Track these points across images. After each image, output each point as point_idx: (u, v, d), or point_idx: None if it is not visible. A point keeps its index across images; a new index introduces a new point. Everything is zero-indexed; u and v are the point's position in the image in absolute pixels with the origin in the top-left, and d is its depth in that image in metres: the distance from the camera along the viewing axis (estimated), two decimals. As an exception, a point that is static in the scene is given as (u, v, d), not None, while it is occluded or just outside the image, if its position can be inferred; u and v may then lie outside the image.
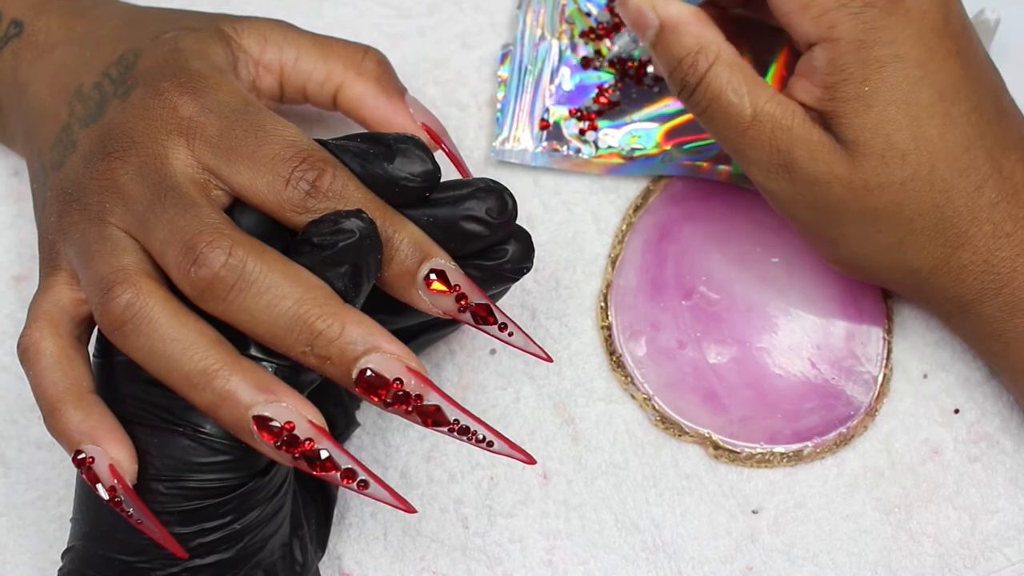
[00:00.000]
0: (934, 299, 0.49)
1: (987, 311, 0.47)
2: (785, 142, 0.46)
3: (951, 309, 0.48)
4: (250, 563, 0.43)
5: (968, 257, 0.46)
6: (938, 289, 0.48)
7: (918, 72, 0.45)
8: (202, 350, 0.40)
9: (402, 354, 0.40)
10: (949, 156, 0.45)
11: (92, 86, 0.46)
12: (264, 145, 0.42)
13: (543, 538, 0.50)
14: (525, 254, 0.45)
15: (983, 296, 0.47)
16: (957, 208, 0.46)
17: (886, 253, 0.47)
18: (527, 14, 0.57)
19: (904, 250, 0.47)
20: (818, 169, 0.46)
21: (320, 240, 0.40)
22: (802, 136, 0.46)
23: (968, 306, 0.47)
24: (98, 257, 0.42)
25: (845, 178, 0.46)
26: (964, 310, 0.48)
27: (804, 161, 0.46)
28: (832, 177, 0.46)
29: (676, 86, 0.48)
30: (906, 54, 0.45)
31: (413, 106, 0.49)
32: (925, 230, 0.46)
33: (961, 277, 0.47)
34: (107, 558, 0.42)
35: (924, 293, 0.49)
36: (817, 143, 0.46)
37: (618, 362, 0.52)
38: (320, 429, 0.40)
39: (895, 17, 0.45)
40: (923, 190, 0.46)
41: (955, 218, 0.46)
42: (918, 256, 0.47)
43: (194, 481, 0.41)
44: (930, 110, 0.45)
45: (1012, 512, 0.50)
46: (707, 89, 0.47)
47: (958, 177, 0.46)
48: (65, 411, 0.41)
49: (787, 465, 0.51)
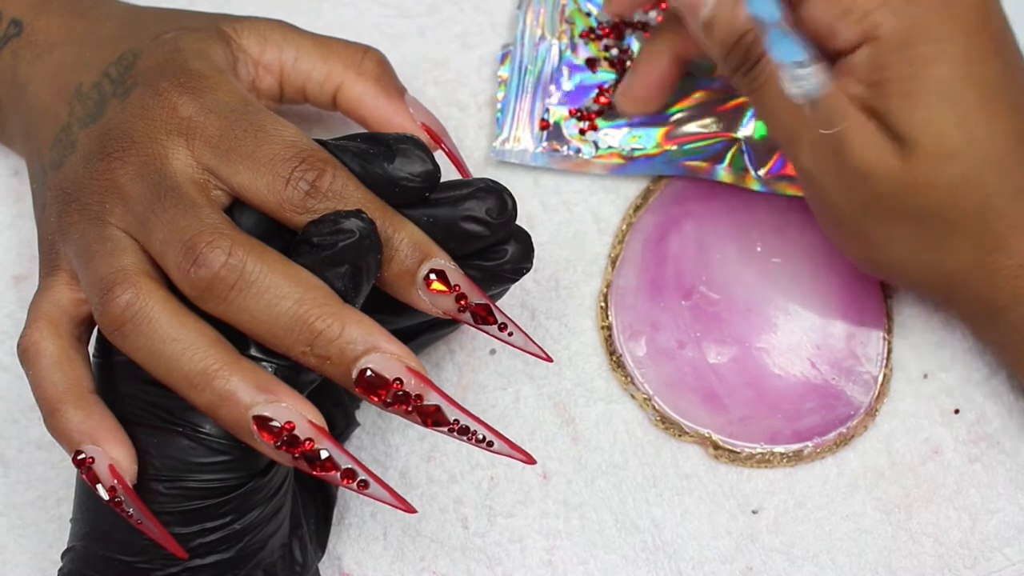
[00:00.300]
0: (965, 304, 0.48)
1: (1017, 318, 0.47)
2: (841, 123, 0.45)
3: (982, 315, 0.48)
4: (250, 563, 0.43)
5: (1003, 261, 0.46)
6: (970, 293, 0.47)
7: (964, 69, 0.45)
8: (202, 350, 0.40)
9: (402, 354, 0.40)
10: (994, 158, 0.45)
11: (92, 86, 0.46)
12: (264, 145, 0.42)
13: (543, 538, 0.51)
14: (525, 254, 0.45)
15: (1015, 302, 0.46)
16: (997, 211, 0.45)
17: (922, 253, 0.47)
18: (527, 14, 0.57)
19: (941, 251, 0.46)
20: (869, 158, 0.45)
21: (320, 240, 0.40)
22: (858, 122, 0.45)
23: (999, 312, 0.47)
24: (98, 257, 0.42)
25: (895, 173, 0.45)
26: (995, 316, 0.47)
27: (856, 148, 0.45)
28: (882, 168, 0.45)
29: (733, 63, 0.47)
30: (951, 51, 0.44)
31: (413, 106, 0.49)
32: (964, 232, 0.46)
33: (994, 282, 0.46)
34: (107, 558, 0.42)
35: (955, 297, 0.48)
36: (871, 131, 0.45)
37: (618, 362, 0.52)
38: (320, 429, 0.40)
39: (939, 14, 0.45)
40: (969, 192, 0.45)
41: (994, 221, 0.45)
42: (954, 258, 0.46)
43: (194, 481, 0.41)
44: (976, 109, 0.45)
45: (1012, 512, 0.50)
46: (768, 65, 0.46)
47: (1001, 180, 0.45)
48: (65, 411, 0.41)
49: (787, 465, 0.51)
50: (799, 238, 0.53)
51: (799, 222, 0.53)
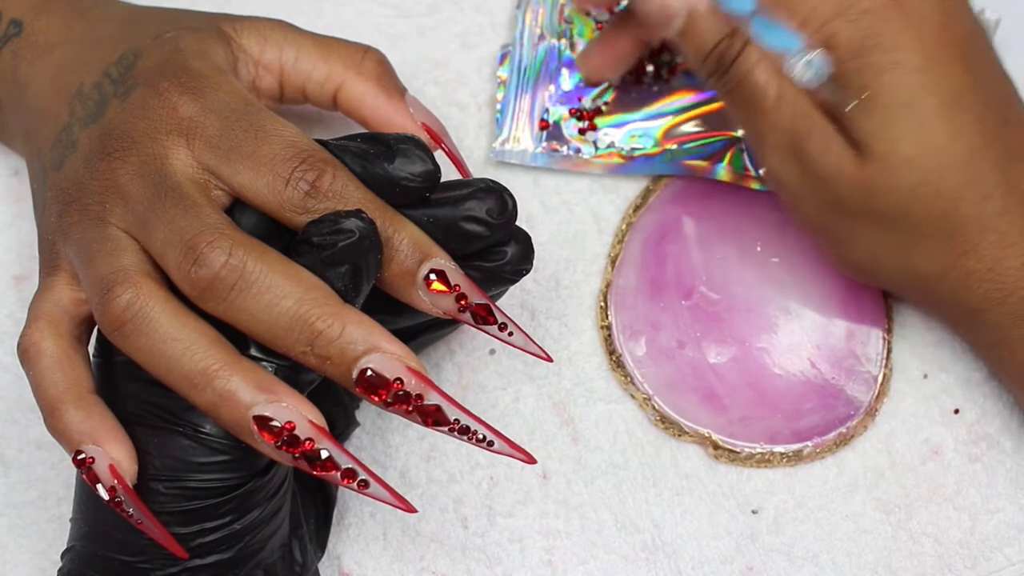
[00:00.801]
0: (940, 305, 0.49)
1: (992, 319, 0.47)
2: (803, 128, 0.46)
3: (957, 316, 0.49)
4: (250, 563, 0.43)
5: (973, 265, 0.46)
6: (944, 296, 0.48)
7: (918, 78, 0.45)
8: (202, 350, 0.40)
9: (402, 354, 0.40)
10: (957, 164, 0.45)
11: (92, 86, 0.46)
12: (264, 145, 0.42)
13: (543, 538, 0.51)
14: (525, 255, 0.45)
15: (988, 304, 0.47)
16: (964, 217, 0.46)
17: (892, 256, 0.47)
18: (526, 14, 0.57)
19: (910, 254, 0.47)
20: (829, 162, 0.46)
21: (320, 240, 0.40)
22: (820, 125, 0.46)
23: (973, 314, 0.47)
24: (98, 257, 0.42)
25: (852, 176, 0.46)
26: (969, 317, 0.48)
27: (818, 152, 0.46)
28: (840, 172, 0.46)
29: (709, 68, 0.48)
30: (905, 59, 0.45)
31: (413, 106, 0.49)
32: (932, 236, 0.46)
33: (967, 284, 0.47)
34: (107, 558, 0.42)
35: (930, 299, 0.49)
36: (832, 136, 0.46)
37: (618, 362, 0.52)
38: (320, 429, 0.40)
39: (893, 23, 0.45)
40: (931, 197, 0.45)
41: (962, 226, 0.46)
42: (924, 261, 0.47)
43: (194, 481, 0.41)
44: (936, 116, 0.45)
45: (1012, 512, 0.50)
46: (739, 68, 0.47)
47: (966, 186, 0.45)
48: (65, 411, 0.41)
49: (787, 465, 0.51)
50: (799, 238, 0.53)
51: (799, 222, 0.53)
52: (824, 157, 0.46)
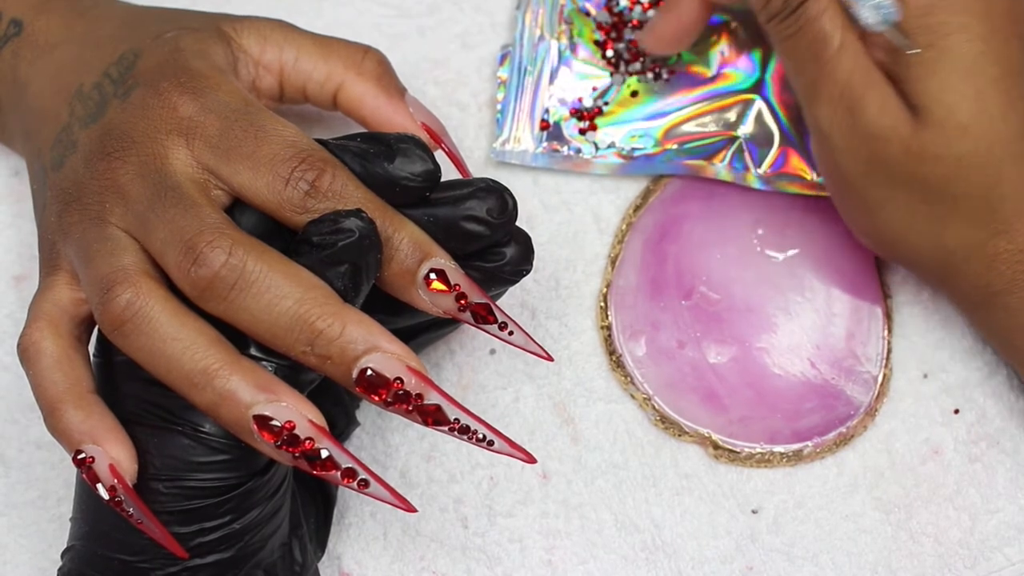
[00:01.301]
0: (962, 285, 0.48)
1: (1014, 303, 0.47)
2: (861, 83, 0.46)
3: (978, 298, 0.48)
4: (250, 563, 0.43)
5: (1004, 245, 0.46)
6: (968, 275, 0.47)
7: (982, 45, 0.45)
8: (202, 349, 0.40)
9: (402, 353, 0.40)
10: (1006, 140, 0.45)
11: (92, 86, 0.46)
12: (264, 145, 0.42)
13: (543, 538, 0.51)
14: (525, 256, 0.45)
15: (1013, 287, 0.47)
16: (1004, 194, 0.46)
17: (924, 227, 0.47)
18: (526, 15, 0.57)
19: (943, 228, 0.47)
20: (883, 122, 0.46)
21: (320, 240, 0.40)
22: (878, 82, 0.46)
23: (995, 296, 0.47)
24: (98, 257, 0.42)
25: (905, 140, 0.45)
26: (991, 300, 0.47)
27: (872, 109, 0.46)
28: (894, 134, 0.46)
29: (773, 9, 0.47)
30: (972, 25, 0.45)
31: (413, 106, 0.49)
32: (968, 211, 0.46)
33: (994, 265, 0.47)
34: (107, 558, 0.42)
35: (953, 277, 0.48)
36: (889, 95, 0.46)
37: (618, 362, 0.52)
38: (320, 428, 0.40)
39: None
40: (976, 170, 0.45)
41: (999, 204, 0.46)
42: (955, 237, 0.47)
43: (194, 480, 0.41)
44: (994, 86, 0.45)
45: (1012, 512, 0.50)
46: (805, 12, 0.46)
47: (1011, 163, 0.45)
48: (65, 411, 0.41)
49: (787, 465, 0.51)
50: (800, 238, 0.53)
51: (799, 221, 0.53)
52: (879, 116, 0.46)
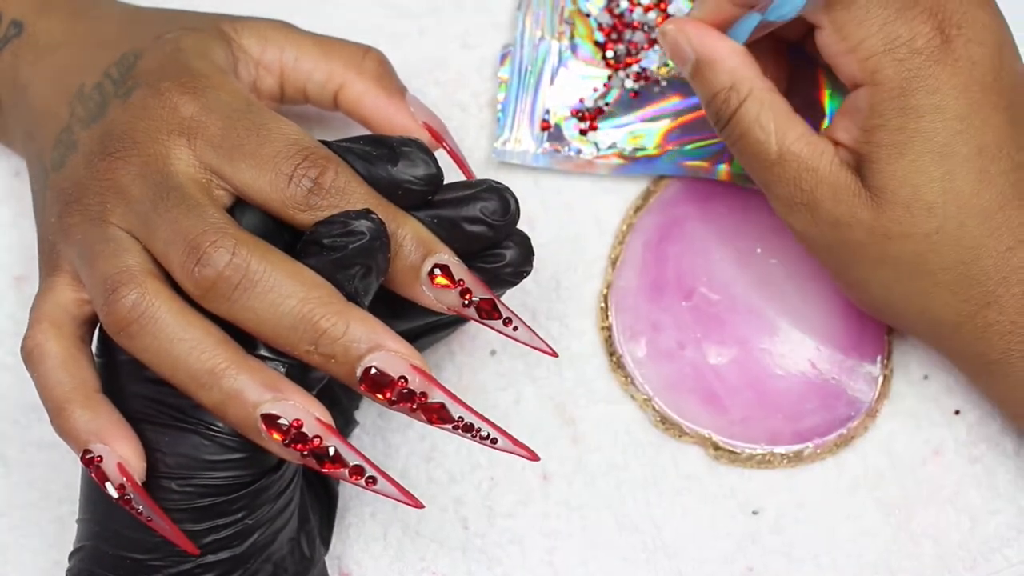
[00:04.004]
0: (958, 354, 0.48)
1: (1015, 372, 0.46)
2: (809, 182, 0.46)
3: (976, 366, 0.48)
4: (260, 557, 0.43)
5: (995, 317, 0.46)
6: (962, 345, 0.47)
7: (958, 125, 0.44)
8: (209, 349, 0.40)
9: (406, 352, 0.40)
10: (981, 214, 0.45)
11: (93, 87, 0.46)
12: (266, 144, 0.42)
13: (543, 539, 0.51)
14: (525, 258, 0.45)
15: (1009, 357, 0.46)
16: (984, 267, 0.45)
17: (909, 302, 0.47)
18: (526, 15, 0.57)
19: (929, 300, 0.46)
20: (840, 211, 0.46)
21: (331, 242, 0.40)
22: (827, 177, 0.46)
23: (993, 365, 0.47)
24: (101, 258, 0.41)
25: (867, 223, 0.45)
26: (989, 369, 0.47)
27: (827, 202, 0.46)
28: (854, 220, 0.46)
29: (711, 118, 0.48)
30: (947, 105, 0.44)
31: (414, 105, 0.49)
32: (949, 285, 0.46)
33: (987, 336, 0.46)
34: (118, 557, 0.42)
35: (948, 346, 0.48)
36: (842, 186, 0.46)
37: (618, 363, 0.52)
38: (328, 426, 0.40)
39: (941, 67, 0.44)
40: (948, 245, 0.45)
41: (982, 276, 0.45)
42: (943, 308, 0.46)
43: (206, 478, 0.41)
44: (966, 165, 0.44)
45: (1012, 513, 0.50)
46: (737, 124, 0.47)
47: (988, 236, 0.45)
48: (72, 411, 0.41)
49: (787, 466, 0.51)
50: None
51: (799, 223, 0.54)
52: (835, 207, 0.46)
